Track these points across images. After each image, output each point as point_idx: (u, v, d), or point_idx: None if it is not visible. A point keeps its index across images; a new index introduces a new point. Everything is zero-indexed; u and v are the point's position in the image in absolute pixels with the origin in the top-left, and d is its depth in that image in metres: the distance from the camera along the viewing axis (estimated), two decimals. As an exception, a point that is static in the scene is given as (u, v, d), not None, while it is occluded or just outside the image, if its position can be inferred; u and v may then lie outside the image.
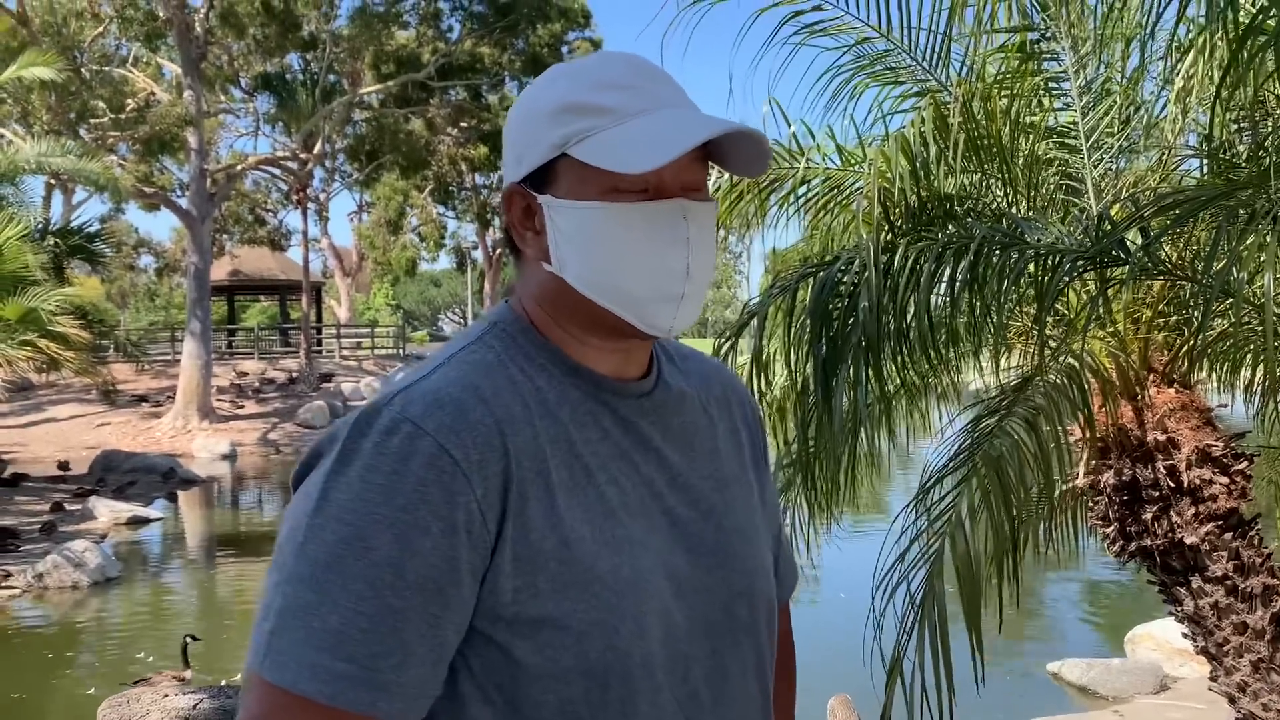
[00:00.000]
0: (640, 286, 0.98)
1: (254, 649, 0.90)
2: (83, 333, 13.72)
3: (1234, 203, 2.43)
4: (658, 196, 0.98)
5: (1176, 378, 3.63)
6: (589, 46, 34.33)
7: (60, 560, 10.71)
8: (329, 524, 0.90)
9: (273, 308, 44.22)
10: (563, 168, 0.99)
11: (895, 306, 2.77)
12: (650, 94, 0.99)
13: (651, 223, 0.98)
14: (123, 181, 21.62)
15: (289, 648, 0.88)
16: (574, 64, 1.04)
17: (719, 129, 0.96)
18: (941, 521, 3.10)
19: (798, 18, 3.45)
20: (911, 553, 3.08)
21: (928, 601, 3.00)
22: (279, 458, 22.36)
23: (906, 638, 3.01)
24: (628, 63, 1.02)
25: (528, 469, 0.95)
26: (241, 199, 34.93)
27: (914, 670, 2.95)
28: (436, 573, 0.90)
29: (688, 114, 0.99)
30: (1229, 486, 3.45)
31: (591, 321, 1.01)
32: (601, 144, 0.96)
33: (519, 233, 1.04)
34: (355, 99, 28.54)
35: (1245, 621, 3.40)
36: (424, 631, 0.90)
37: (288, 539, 0.92)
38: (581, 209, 0.98)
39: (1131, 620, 8.09)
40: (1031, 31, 3.50)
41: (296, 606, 0.88)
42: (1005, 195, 3.23)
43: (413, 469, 0.90)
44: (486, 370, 0.99)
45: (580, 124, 0.97)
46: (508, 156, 1.04)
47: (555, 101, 1.00)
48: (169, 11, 22.98)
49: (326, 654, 0.87)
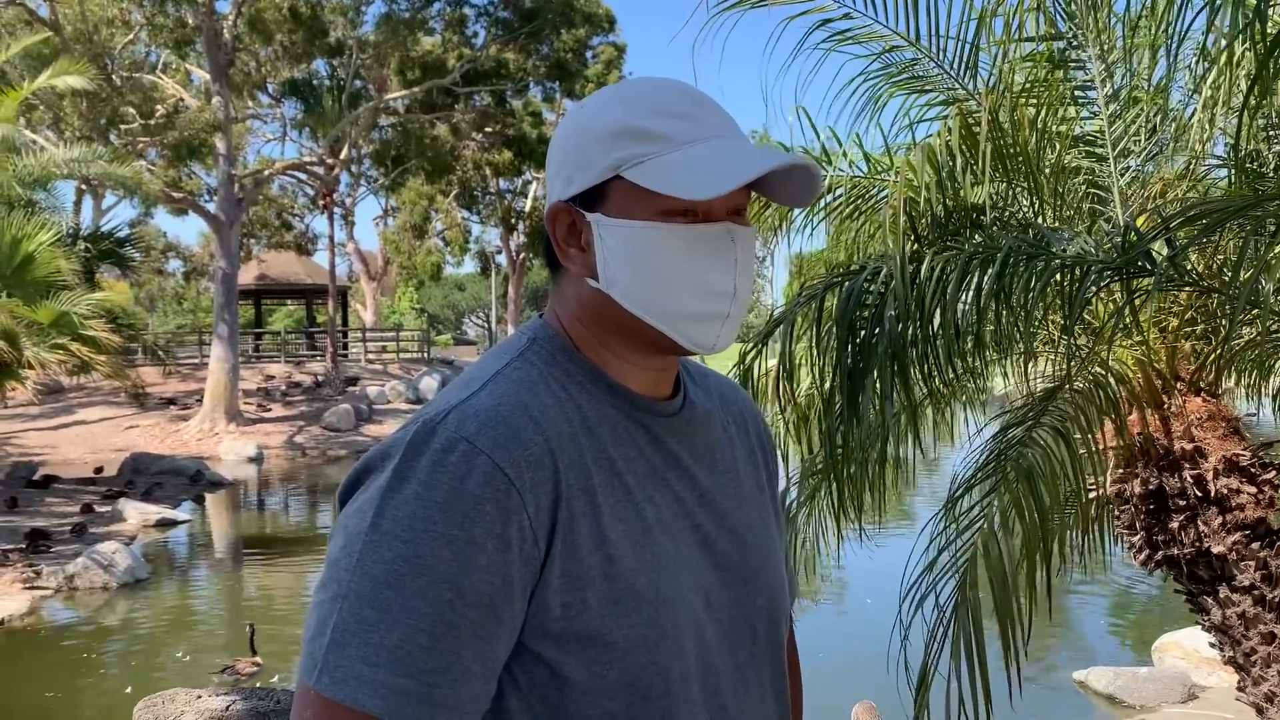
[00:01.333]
0: (687, 305, 1.01)
1: (308, 664, 0.91)
2: (113, 336, 13.87)
3: (1261, 213, 2.43)
4: (705, 220, 1.01)
5: (1204, 386, 3.62)
6: (613, 52, 34.42)
7: (90, 561, 10.85)
8: (386, 541, 0.91)
9: (299, 311, 44.55)
10: (615, 189, 1.01)
11: (921, 316, 2.78)
12: (704, 123, 1.02)
13: (701, 245, 1.01)
14: (151, 186, 21.86)
15: (348, 664, 0.89)
16: (626, 89, 1.06)
17: (777, 163, 0.99)
18: (972, 531, 3.10)
19: (826, 25, 3.47)
20: (940, 562, 3.08)
21: (960, 612, 3.00)
22: (305, 460, 22.52)
23: (937, 648, 3.01)
24: (682, 90, 1.05)
25: (575, 487, 0.97)
26: (268, 204, 35.22)
27: (947, 681, 2.94)
28: (492, 589, 0.91)
29: (744, 145, 1.02)
30: (1257, 496, 3.44)
31: (634, 338, 1.04)
32: (658, 169, 0.99)
33: (562, 249, 1.06)
34: (381, 104, 28.74)
35: (1274, 632, 3.39)
36: (479, 648, 0.92)
37: (342, 554, 0.93)
38: (633, 229, 1.00)
39: (1159, 628, 8.03)
40: (1059, 40, 3.50)
41: (355, 623, 0.90)
42: (1031, 205, 3.23)
43: (469, 487, 0.92)
44: (532, 388, 1.01)
45: (637, 149, 1.00)
46: (555, 174, 1.06)
47: (610, 124, 1.02)
48: (198, 18, 23.23)
49: (386, 670, 0.88)
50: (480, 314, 69.89)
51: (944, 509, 3.15)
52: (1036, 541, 3.03)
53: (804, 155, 3.68)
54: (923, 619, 3.03)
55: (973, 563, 3.05)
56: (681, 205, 1.00)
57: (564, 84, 30.42)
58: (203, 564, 13.08)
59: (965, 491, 3.16)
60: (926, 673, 3.01)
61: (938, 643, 2.99)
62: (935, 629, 3.01)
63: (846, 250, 4.16)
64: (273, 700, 6.22)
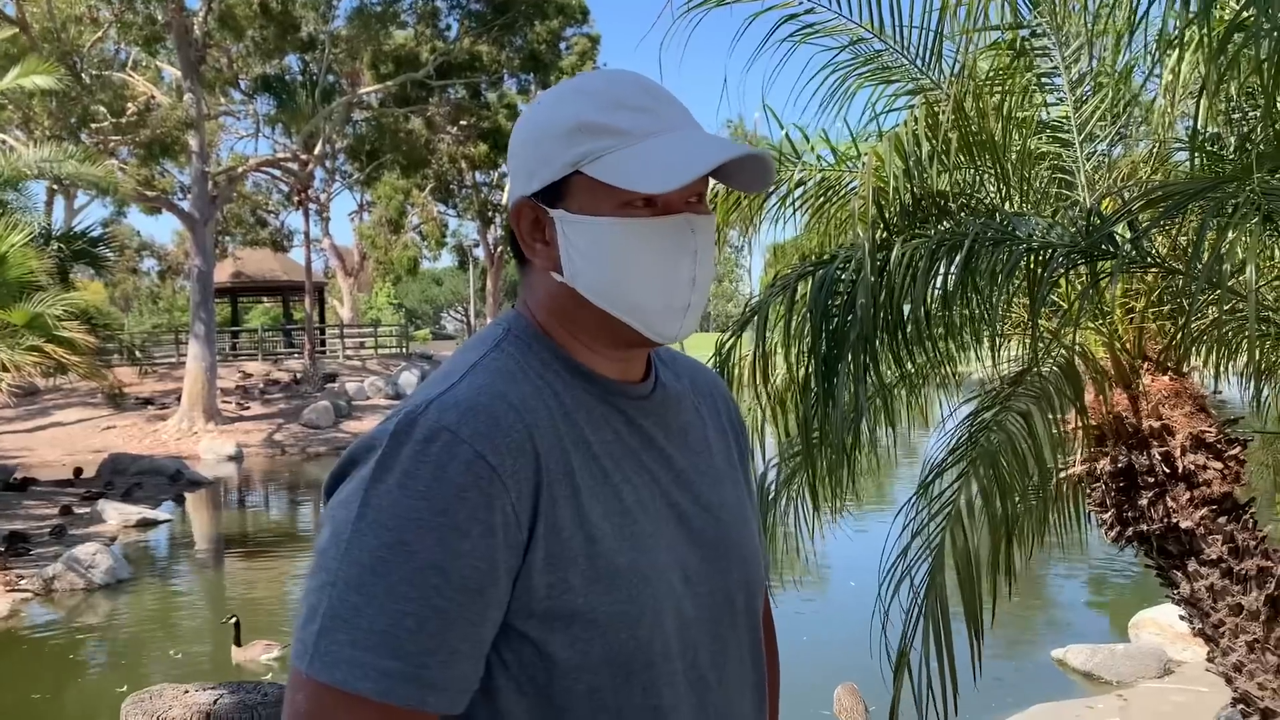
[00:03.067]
0: (649, 297, 1.05)
1: (300, 649, 0.94)
2: (88, 337, 13.78)
3: (1221, 195, 2.49)
4: (665, 211, 1.04)
5: (1170, 366, 3.69)
6: (587, 43, 34.32)
7: (71, 563, 10.80)
8: (372, 529, 0.94)
9: (276, 309, 44.27)
10: (576, 184, 1.04)
11: (892, 302, 2.84)
12: (660, 115, 1.05)
13: (662, 237, 1.04)
14: (124, 185, 21.68)
15: (338, 648, 0.92)
16: (582, 83, 1.09)
17: (731, 153, 1.02)
18: (942, 515, 3.17)
19: (793, 19, 3.51)
20: (914, 547, 3.15)
21: (930, 595, 3.07)
22: (285, 458, 22.43)
23: (912, 631, 3.08)
24: (637, 83, 1.07)
25: (555, 471, 1.00)
26: (243, 201, 35.00)
27: (920, 661, 3.02)
28: (477, 574, 0.95)
29: (699, 136, 1.05)
30: (1223, 471, 3.52)
31: (600, 329, 1.07)
32: (617, 163, 1.02)
33: (527, 244, 1.09)
34: (355, 99, 28.57)
35: (1240, 603, 3.47)
36: (466, 630, 0.95)
37: (330, 543, 0.96)
38: (595, 224, 1.04)
39: (1135, 606, 8.16)
40: (1023, 28, 3.56)
41: (344, 609, 0.93)
42: (998, 191, 3.29)
43: (451, 475, 0.95)
44: (510, 377, 1.04)
45: (594, 144, 1.03)
46: (517, 170, 1.09)
47: (568, 120, 1.04)
48: (167, 15, 23.01)
49: (375, 653, 0.92)
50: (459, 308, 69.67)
51: (916, 493, 3.21)
52: (1001, 523, 3.10)
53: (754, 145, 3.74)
54: (899, 602, 3.10)
55: (942, 547, 3.12)
56: (641, 198, 1.03)
57: (538, 76, 30.32)
58: (184, 563, 13.04)
59: (937, 475, 3.23)
60: (904, 655, 3.07)
61: (913, 625, 3.06)
62: (911, 611, 3.08)
63: (819, 239, 4.22)
64: (260, 693, 6.23)
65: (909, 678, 3.06)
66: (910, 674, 3.05)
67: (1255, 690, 3.49)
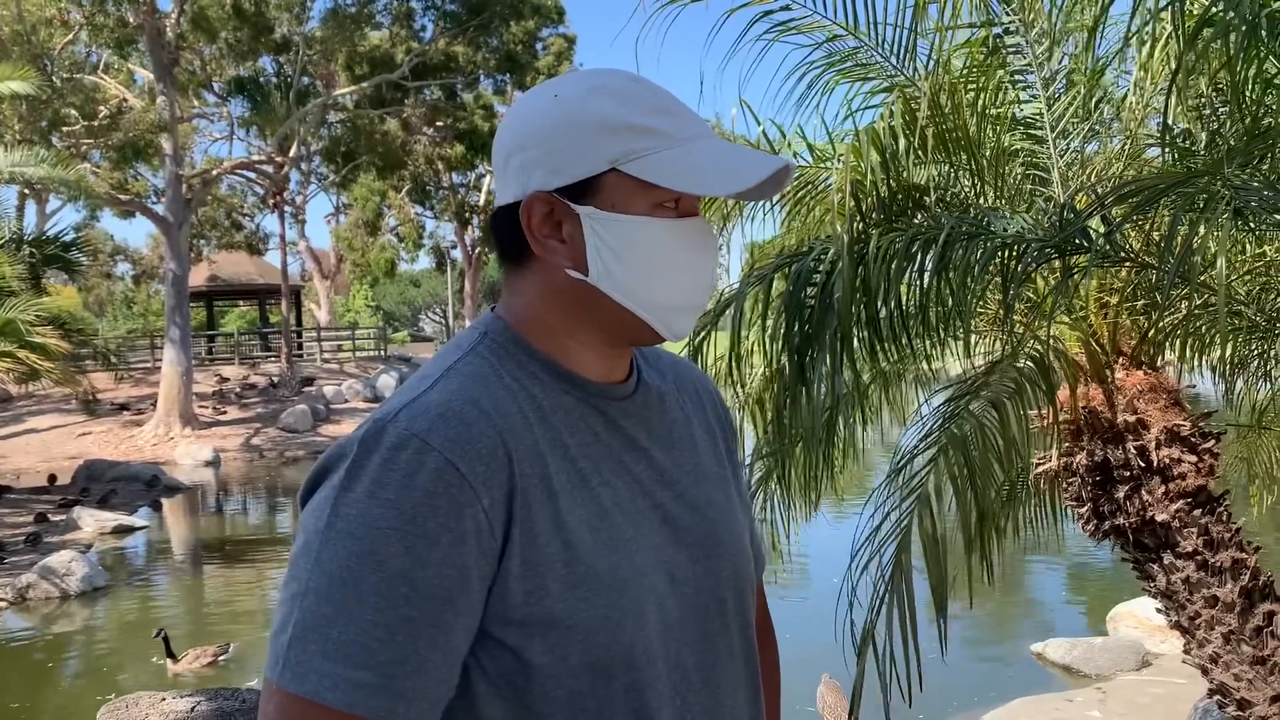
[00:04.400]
0: (674, 296, 1.06)
1: (272, 659, 0.94)
2: (62, 342, 13.67)
3: (1192, 190, 2.51)
4: (688, 213, 1.07)
5: (1144, 360, 3.72)
6: (563, 43, 34.30)
7: (46, 572, 10.69)
8: (341, 539, 0.93)
9: (252, 312, 44.04)
10: (609, 182, 1.03)
11: (867, 295, 2.85)
12: (690, 122, 1.07)
13: (691, 237, 1.06)
14: (97, 189, 21.49)
15: (308, 658, 0.92)
16: (609, 83, 1.06)
17: (781, 163, 1.06)
18: (912, 499, 3.20)
19: (768, 17, 3.52)
20: (884, 529, 3.18)
21: (896, 575, 3.10)
22: (263, 462, 22.30)
23: (876, 613, 3.11)
24: (657, 88, 1.08)
25: (530, 476, 0.99)
26: (218, 204, 34.77)
27: (885, 642, 3.05)
28: (448, 582, 0.94)
29: (737, 146, 1.09)
30: (1197, 465, 3.55)
31: (610, 328, 1.07)
32: (662, 164, 1.02)
33: (537, 239, 1.05)
34: (330, 101, 28.44)
35: (1215, 595, 3.50)
36: (437, 639, 0.94)
37: (302, 553, 0.95)
38: (629, 222, 1.03)
39: (1112, 599, 8.22)
40: (995, 26, 3.58)
41: (314, 619, 0.92)
42: (973, 186, 3.31)
43: (420, 483, 0.94)
44: (484, 381, 1.03)
45: (635, 143, 1.02)
46: (530, 164, 1.04)
47: (604, 118, 1.03)
48: (139, 17, 22.83)
49: (344, 664, 0.91)
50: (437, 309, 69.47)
51: (888, 478, 3.24)
52: (970, 506, 3.13)
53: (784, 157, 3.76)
54: (868, 583, 3.13)
55: (909, 529, 3.16)
56: (669, 199, 1.04)
57: (515, 76, 30.28)
58: (162, 570, 12.94)
59: (909, 461, 3.25)
60: (869, 635, 3.10)
61: (877, 607, 3.09)
62: (876, 589, 3.11)
63: (797, 236, 4.22)
64: (238, 700, 6.20)
65: (874, 658, 3.09)
66: (876, 654, 3.08)
67: (1231, 681, 3.52)
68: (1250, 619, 3.49)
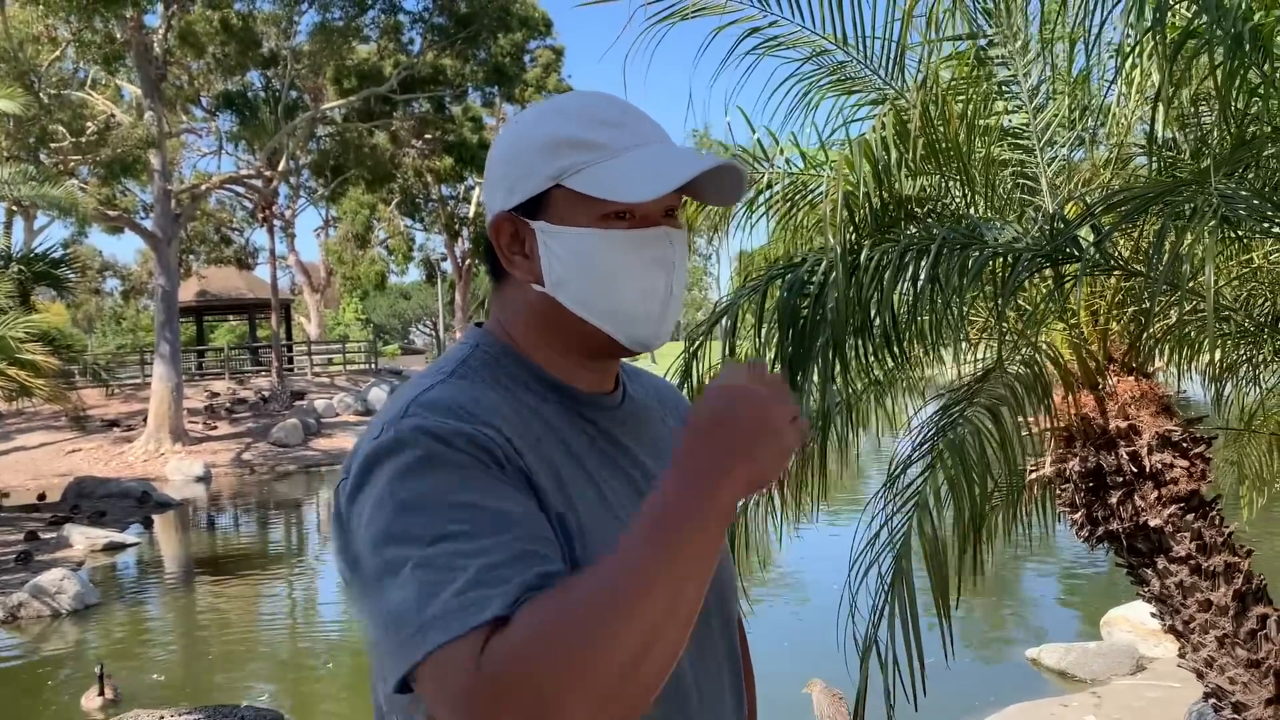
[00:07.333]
0: (629, 306, 1.08)
1: (407, 646, 0.88)
2: (51, 359, 13.62)
3: (1179, 198, 2.54)
4: (643, 224, 1.07)
5: (1135, 366, 3.75)
6: (551, 55, 34.39)
7: (38, 590, 10.64)
8: (401, 516, 0.93)
9: (242, 327, 43.93)
10: (556, 197, 1.07)
11: (861, 304, 2.87)
12: (636, 131, 1.08)
13: (640, 248, 1.07)
14: (85, 205, 21.42)
15: (441, 610, 0.87)
16: (559, 103, 1.12)
17: (706, 164, 1.05)
18: (909, 505, 3.22)
19: (756, 32, 3.54)
20: (882, 537, 3.20)
21: (896, 581, 3.12)
22: (254, 478, 22.22)
23: (878, 619, 3.13)
24: (613, 101, 1.11)
25: (538, 465, 1.02)
26: (206, 219, 34.70)
27: (888, 647, 3.07)
28: (509, 484, 0.96)
29: (675, 149, 1.09)
30: (1189, 469, 3.58)
31: (580, 339, 1.10)
32: (597, 176, 1.05)
33: (507, 257, 1.11)
34: (318, 114, 28.43)
35: (1209, 599, 3.52)
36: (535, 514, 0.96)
37: (373, 552, 0.93)
38: (576, 234, 1.06)
39: (1106, 604, 8.25)
40: (980, 39, 3.62)
41: (431, 582, 0.89)
42: (964, 196, 3.34)
43: (450, 447, 0.96)
44: (481, 386, 1.06)
45: (575, 157, 1.06)
46: (495, 186, 1.11)
47: (549, 135, 1.07)
48: (127, 33, 22.82)
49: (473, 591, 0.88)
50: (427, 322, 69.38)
51: (884, 486, 3.26)
52: (967, 510, 3.16)
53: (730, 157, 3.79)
54: (867, 591, 3.15)
55: (908, 536, 3.17)
56: (620, 210, 1.05)
57: (503, 88, 30.34)
58: (153, 587, 12.88)
59: (904, 469, 3.28)
60: (871, 642, 3.12)
61: (879, 614, 3.11)
62: (877, 600, 3.13)
63: (786, 245, 4.25)
64: (236, 717, 6.19)
65: (879, 665, 3.10)
66: (880, 660, 3.10)
67: (1226, 684, 3.54)
68: (1244, 622, 3.52)
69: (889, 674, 3.02)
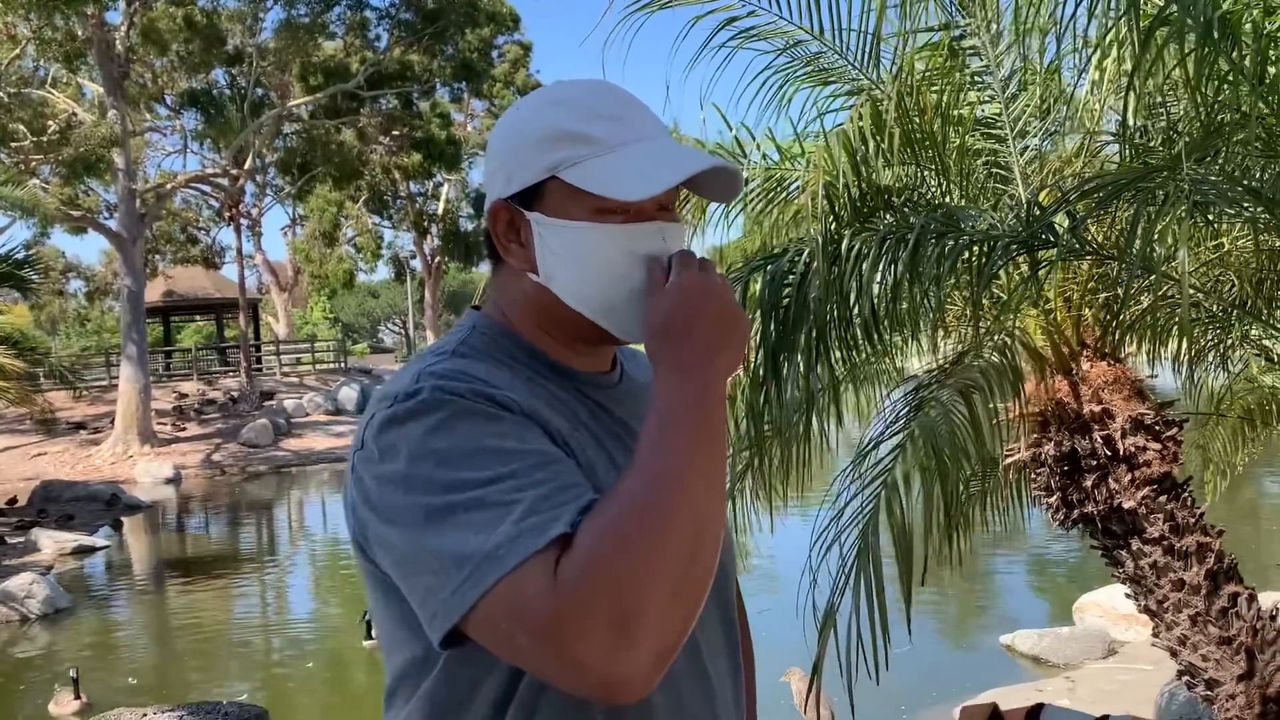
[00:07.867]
0: (621, 300, 1.09)
1: (474, 578, 0.90)
2: (15, 361, 13.44)
3: (1151, 184, 2.59)
4: (637, 218, 1.08)
5: (1108, 352, 3.82)
6: (519, 50, 34.29)
7: (6, 595, 10.50)
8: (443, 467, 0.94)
9: (209, 327, 43.47)
10: (551, 189, 1.08)
11: (840, 294, 2.91)
12: (634, 125, 1.09)
13: (634, 242, 1.08)
14: (48, 205, 21.14)
15: (519, 534, 0.90)
16: (561, 92, 1.13)
17: (704, 164, 1.07)
18: (877, 484, 3.27)
19: (733, 23, 3.56)
20: (848, 512, 3.24)
21: (861, 556, 3.16)
22: (225, 479, 22.03)
23: (841, 593, 3.18)
24: (613, 93, 1.11)
25: (549, 425, 1.03)
26: (172, 218, 34.30)
27: (849, 621, 3.11)
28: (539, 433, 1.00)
29: (673, 147, 1.10)
30: (1161, 452, 3.64)
31: (572, 327, 1.11)
32: (594, 170, 1.06)
33: (503, 245, 1.12)
34: (284, 112, 28.17)
35: (1182, 578, 3.59)
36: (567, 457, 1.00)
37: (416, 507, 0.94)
38: (569, 228, 1.07)
39: (1077, 590, 8.36)
40: (954, 30, 3.66)
41: (487, 519, 0.91)
42: (940, 185, 3.38)
43: (473, 402, 0.98)
44: (485, 360, 1.08)
45: (572, 150, 1.06)
46: (494, 174, 1.12)
47: (546, 127, 1.08)
48: (88, 30, 22.52)
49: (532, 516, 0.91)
50: (396, 320, 69.00)
51: (853, 463, 3.31)
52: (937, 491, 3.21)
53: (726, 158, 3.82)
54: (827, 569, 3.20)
55: (875, 512, 3.22)
56: (615, 205, 1.06)
57: (471, 84, 30.21)
58: (124, 589, 12.75)
59: (874, 447, 3.33)
60: (831, 614, 3.17)
61: (840, 589, 3.16)
62: (839, 574, 3.18)
63: (762, 239, 4.28)
64: (219, 713, 6.18)
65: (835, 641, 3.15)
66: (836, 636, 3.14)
67: (1199, 661, 3.61)
68: (1216, 600, 3.59)
69: (850, 648, 3.06)
